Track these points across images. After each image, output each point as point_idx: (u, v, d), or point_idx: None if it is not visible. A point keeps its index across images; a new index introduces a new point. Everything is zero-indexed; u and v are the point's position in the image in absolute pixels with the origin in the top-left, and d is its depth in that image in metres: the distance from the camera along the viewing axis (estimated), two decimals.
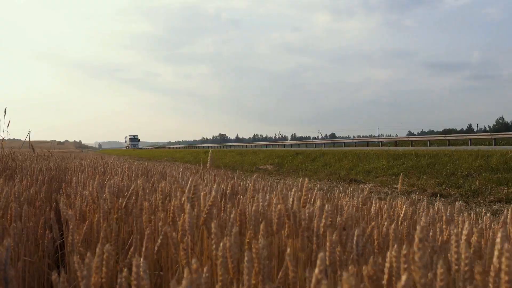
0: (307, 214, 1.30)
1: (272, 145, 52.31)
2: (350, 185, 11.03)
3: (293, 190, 1.63)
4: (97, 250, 0.92)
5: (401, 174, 3.08)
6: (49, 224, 1.69)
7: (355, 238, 1.23)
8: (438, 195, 8.27)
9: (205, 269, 0.84)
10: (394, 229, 1.63)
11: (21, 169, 4.00)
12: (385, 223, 1.77)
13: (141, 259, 0.67)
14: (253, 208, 1.36)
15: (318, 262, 0.76)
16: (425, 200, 3.13)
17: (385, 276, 0.96)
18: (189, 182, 1.33)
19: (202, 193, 1.34)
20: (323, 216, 1.29)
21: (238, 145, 62.22)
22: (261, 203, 1.39)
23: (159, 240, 1.26)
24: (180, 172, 4.28)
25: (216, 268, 0.92)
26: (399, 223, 2.08)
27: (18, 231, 1.35)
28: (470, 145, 24.59)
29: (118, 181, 2.06)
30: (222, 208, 1.81)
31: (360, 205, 2.51)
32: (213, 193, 1.23)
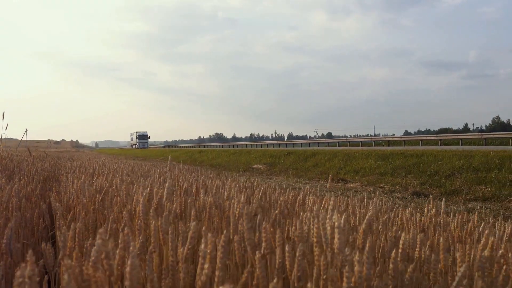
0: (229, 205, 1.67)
1: (267, 144, 52.68)
2: (338, 184, 11.38)
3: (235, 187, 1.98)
4: (71, 226, 1.29)
5: (330, 174, 3.44)
6: (42, 215, 2.06)
7: (258, 219, 1.60)
8: (416, 194, 8.66)
9: (140, 236, 1.20)
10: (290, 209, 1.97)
11: (19, 169, 4.35)
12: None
13: (101, 229, 0.99)
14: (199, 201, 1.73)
15: (225, 232, 1.11)
16: (377, 196, 3.46)
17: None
18: (148, 181, 1.70)
19: (155, 189, 1.69)
20: (239, 206, 1.65)
21: (234, 145, 62.57)
22: (202, 198, 1.76)
23: (122, 224, 1.62)
24: (158, 172, 4.59)
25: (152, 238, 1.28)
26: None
27: (18, 219, 1.71)
28: (462, 145, 24.99)
29: (102, 180, 2.45)
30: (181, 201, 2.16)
31: (291, 199, 2.78)
32: (165, 190, 1.61)
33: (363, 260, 1.06)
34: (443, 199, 3.10)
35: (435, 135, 29.53)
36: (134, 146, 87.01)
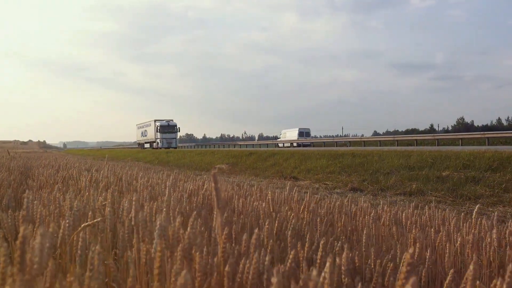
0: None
1: (240, 145, 53.74)
2: (289, 181, 12.37)
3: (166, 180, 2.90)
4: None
5: (247, 171, 4.38)
6: (24, 191, 2.99)
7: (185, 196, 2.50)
8: (353, 190, 9.72)
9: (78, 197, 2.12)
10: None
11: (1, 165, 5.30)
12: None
13: (56, 192, 1.86)
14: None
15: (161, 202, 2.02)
16: (310, 191, 4.40)
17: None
18: (86, 175, 2.60)
19: (94, 176, 2.61)
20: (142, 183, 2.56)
21: (204, 145, 63.49)
22: (124, 180, 2.70)
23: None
24: (106, 167, 5.52)
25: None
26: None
27: (9, 191, 2.59)
28: (416, 145, 26.42)
29: (64, 173, 3.37)
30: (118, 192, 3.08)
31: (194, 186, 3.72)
32: (100, 175, 2.53)
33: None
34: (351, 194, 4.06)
35: (393, 136, 31.04)
36: (151, 146, 55.61)
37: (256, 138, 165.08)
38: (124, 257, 1.49)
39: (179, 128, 53.98)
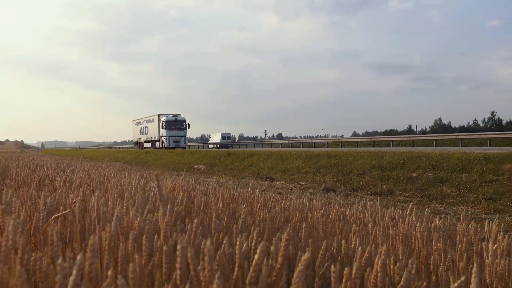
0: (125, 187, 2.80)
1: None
2: (265, 182, 12.62)
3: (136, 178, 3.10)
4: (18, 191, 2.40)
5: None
6: (1, 189, 3.17)
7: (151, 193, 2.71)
8: (326, 189, 9.99)
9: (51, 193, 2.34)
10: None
11: None
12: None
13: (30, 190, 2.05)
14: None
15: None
16: (277, 191, 4.64)
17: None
18: (65, 172, 2.80)
19: (69, 175, 2.81)
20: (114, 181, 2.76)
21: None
22: (97, 179, 2.91)
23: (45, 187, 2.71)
24: (83, 168, 5.71)
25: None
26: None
27: None
28: (393, 146, 26.94)
29: (41, 174, 3.55)
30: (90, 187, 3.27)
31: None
32: (75, 175, 2.73)
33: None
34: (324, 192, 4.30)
35: (369, 137, 31.59)
36: (154, 145, 48.51)
37: (236, 138, 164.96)
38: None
39: (188, 124, 45.71)
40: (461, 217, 3.10)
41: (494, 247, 1.67)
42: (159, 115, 46.51)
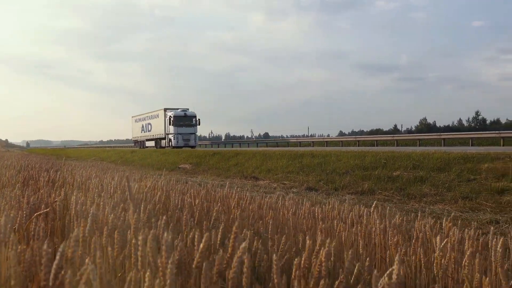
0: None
1: (205, 145, 54.06)
2: (249, 181, 12.77)
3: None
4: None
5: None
6: None
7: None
8: (309, 189, 10.16)
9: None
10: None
11: None
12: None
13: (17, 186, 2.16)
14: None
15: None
16: (249, 189, 4.79)
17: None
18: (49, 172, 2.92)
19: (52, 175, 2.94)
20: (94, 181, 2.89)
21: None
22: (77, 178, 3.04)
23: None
24: (65, 167, 5.83)
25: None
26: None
27: None
28: (377, 146, 27.27)
29: (25, 174, 3.67)
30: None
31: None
32: (58, 174, 2.88)
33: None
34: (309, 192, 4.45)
35: (354, 136, 31.95)
36: (158, 144, 43.64)
37: (223, 138, 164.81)
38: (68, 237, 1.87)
39: (199, 120, 40.73)
40: (419, 215, 3.28)
41: (443, 242, 1.82)
42: (165, 109, 41.81)
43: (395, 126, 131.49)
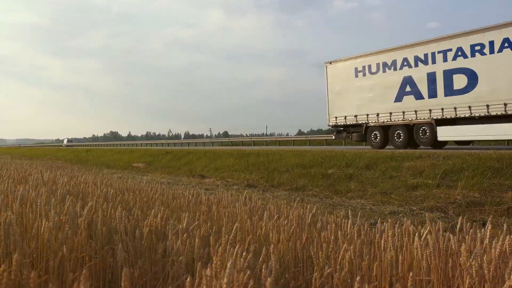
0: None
1: (162, 144, 54.14)
2: (196, 179, 13.50)
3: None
4: None
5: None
6: None
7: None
8: (249, 186, 10.97)
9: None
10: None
11: None
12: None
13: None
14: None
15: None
16: (196, 187, 5.52)
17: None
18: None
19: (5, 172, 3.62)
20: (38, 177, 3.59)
21: (129, 144, 63.03)
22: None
23: None
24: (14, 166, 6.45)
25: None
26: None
27: None
28: (326, 145, 28.43)
29: None
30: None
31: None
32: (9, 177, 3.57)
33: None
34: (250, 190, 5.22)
35: (305, 136, 33.02)
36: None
37: (182, 136, 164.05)
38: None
39: None
40: (314, 209, 4.09)
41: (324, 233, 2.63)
42: None
43: None
